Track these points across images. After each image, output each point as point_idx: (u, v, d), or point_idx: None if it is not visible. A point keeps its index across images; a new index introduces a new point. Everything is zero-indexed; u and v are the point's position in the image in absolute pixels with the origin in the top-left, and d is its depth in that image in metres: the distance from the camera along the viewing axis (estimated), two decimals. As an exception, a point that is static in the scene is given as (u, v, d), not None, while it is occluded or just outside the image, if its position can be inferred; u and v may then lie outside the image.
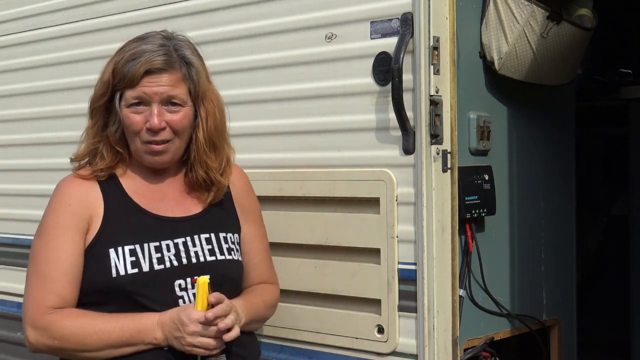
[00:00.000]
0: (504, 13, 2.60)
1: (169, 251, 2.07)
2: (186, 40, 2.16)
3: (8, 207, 3.50)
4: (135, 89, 2.04)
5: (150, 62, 2.03)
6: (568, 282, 3.07)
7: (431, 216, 2.29)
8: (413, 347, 2.33)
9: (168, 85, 2.05)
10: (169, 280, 2.06)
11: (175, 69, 2.07)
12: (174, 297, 2.05)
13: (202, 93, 2.12)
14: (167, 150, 2.09)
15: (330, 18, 2.48)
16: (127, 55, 2.06)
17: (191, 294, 2.06)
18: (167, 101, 2.06)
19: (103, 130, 2.13)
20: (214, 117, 2.14)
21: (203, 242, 2.12)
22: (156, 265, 2.05)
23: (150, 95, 2.04)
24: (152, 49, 2.05)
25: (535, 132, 2.88)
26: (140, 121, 2.06)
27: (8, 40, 3.49)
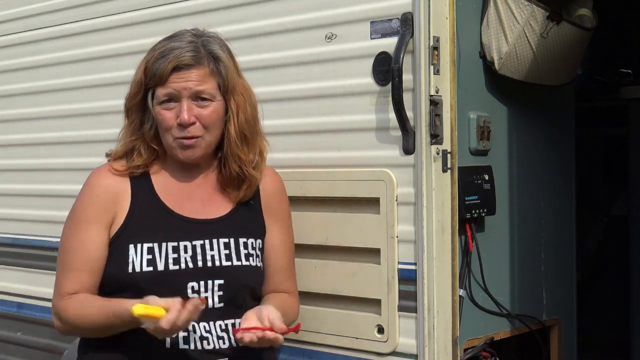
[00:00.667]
0: (504, 13, 2.60)
1: (186, 252, 2.09)
2: (215, 36, 2.19)
3: (8, 207, 3.50)
4: (165, 86, 2.08)
5: (178, 59, 2.07)
6: (568, 282, 3.07)
7: (431, 216, 2.29)
8: (413, 347, 2.33)
9: (196, 81, 2.09)
10: (182, 281, 2.07)
11: (203, 65, 2.10)
12: (185, 297, 2.04)
13: (232, 87, 2.14)
14: (197, 145, 2.12)
15: (330, 18, 2.48)
16: (157, 54, 2.10)
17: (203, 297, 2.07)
18: (197, 96, 2.10)
19: (139, 128, 2.17)
20: (244, 110, 2.16)
21: (221, 246, 2.12)
22: (171, 265, 2.07)
23: (179, 90, 2.08)
24: (181, 45, 2.09)
25: (535, 132, 2.88)
26: (171, 117, 2.09)
27: (8, 40, 3.49)
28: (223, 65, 2.13)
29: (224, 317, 2.11)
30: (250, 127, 2.18)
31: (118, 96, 3.03)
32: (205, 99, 2.10)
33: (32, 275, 3.40)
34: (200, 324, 2.07)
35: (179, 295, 2.02)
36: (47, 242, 3.31)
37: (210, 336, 2.08)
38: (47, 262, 3.32)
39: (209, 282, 2.08)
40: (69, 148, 3.22)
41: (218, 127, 2.14)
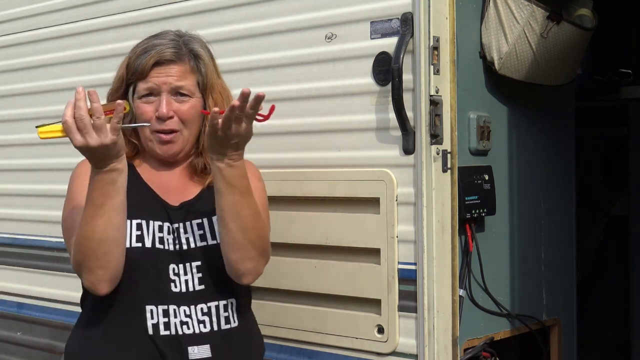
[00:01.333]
0: (504, 13, 2.60)
1: (169, 234, 2.11)
2: (197, 37, 2.24)
3: (8, 207, 3.50)
4: (146, 80, 2.13)
5: (159, 54, 2.12)
6: (568, 282, 3.07)
7: (431, 216, 2.29)
8: (413, 347, 2.33)
9: (176, 76, 2.13)
10: (165, 261, 2.09)
11: (184, 61, 2.15)
12: (167, 279, 2.08)
13: (211, 85, 2.19)
14: (175, 141, 2.15)
15: (330, 18, 2.48)
16: (139, 50, 2.16)
17: (183, 280, 2.09)
18: (176, 91, 2.14)
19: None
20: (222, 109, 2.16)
21: (195, 228, 2.14)
22: (157, 243, 2.09)
23: (159, 84, 2.12)
24: (163, 42, 2.15)
25: (535, 132, 2.88)
26: (150, 110, 2.13)
27: (8, 40, 3.49)
28: (203, 63, 2.18)
29: (205, 300, 2.11)
30: None
31: (118, 96, 3.04)
32: (184, 95, 2.14)
33: (32, 275, 3.40)
34: (181, 308, 2.08)
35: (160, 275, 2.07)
36: (47, 242, 3.31)
37: (190, 320, 2.09)
38: (47, 262, 3.32)
39: (187, 264, 2.10)
40: (68, 148, 3.20)
41: (196, 124, 2.18)
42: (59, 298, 3.26)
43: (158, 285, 2.08)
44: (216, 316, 2.12)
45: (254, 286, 2.68)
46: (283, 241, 2.57)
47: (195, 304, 2.10)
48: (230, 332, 2.14)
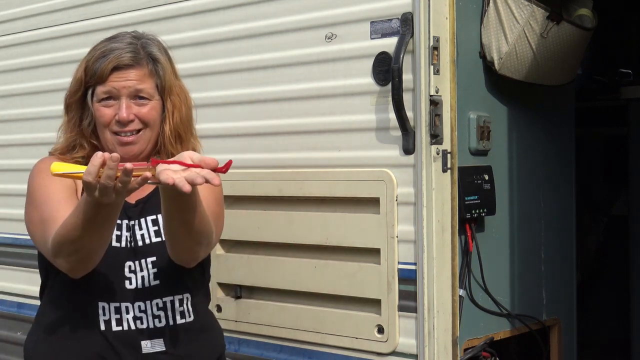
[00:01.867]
0: (504, 13, 2.60)
1: (127, 231, 2.13)
2: (154, 39, 2.24)
3: (8, 207, 3.50)
4: (105, 85, 2.13)
5: (118, 59, 2.12)
6: (568, 282, 3.07)
7: (431, 216, 2.29)
8: (413, 347, 2.33)
9: (135, 80, 2.13)
10: (121, 259, 2.11)
11: (142, 65, 2.15)
12: (122, 276, 2.10)
13: (169, 88, 2.19)
14: (136, 141, 2.15)
15: (330, 18, 2.48)
16: (97, 54, 2.15)
17: (139, 276, 2.10)
18: (135, 95, 2.14)
19: (78, 125, 2.21)
20: (179, 110, 2.21)
21: (149, 224, 2.15)
22: (114, 241, 2.10)
23: (118, 89, 2.12)
24: (121, 46, 2.15)
25: (535, 132, 2.88)
26: (109, 114, 2.13)
27: (8, 40, 3.49)
28: (161, 66, 2.18)
29: (160, 295, 2.13)
30: (184, 127, 2.22)
31: (118, 96, 3.04)
32: (144, 98, 2.15)
33: (32, 275, 3.39)
34: (135, 304, 2.10)
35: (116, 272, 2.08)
36: (47, 242, 3.31)
37: (144, 315, 2.11)
38: (47, 262, 3.32)
39: (142, 260, 2.12)
40: (69, 148, 3.22)
41: (156, 126, 2.18)
42: (59, 298, 3.26)
43: (112, 282, 2.09)
44: (171, 311, 2.13)
45: (253, 286, 2.68)
46: (283, 241, 2.58)
47: (151, 299, 2.12)
48: (186, 326, 2.15)
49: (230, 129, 2.73)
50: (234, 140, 2.72)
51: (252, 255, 2.68)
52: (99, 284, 2.09)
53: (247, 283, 2.69)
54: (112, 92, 2.13)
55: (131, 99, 2.13)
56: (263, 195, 2.63)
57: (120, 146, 2.14)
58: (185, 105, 2.23)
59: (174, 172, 1.77)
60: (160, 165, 1.80)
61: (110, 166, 1.76)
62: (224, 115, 2.74)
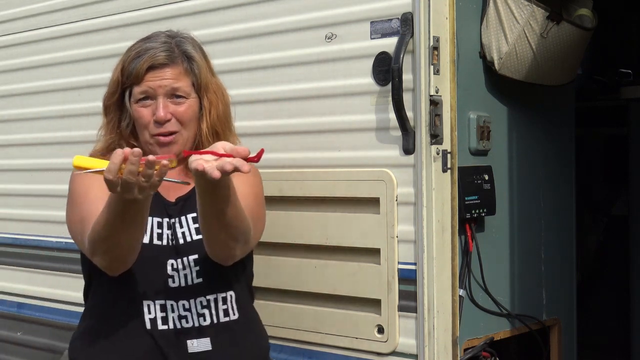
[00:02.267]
0: (504, 13, 2.60)
1: (169, 229, 2.12)
2: (189, 37, 2.24)
3: (8, 207, 3.50)
4: (141, 85, 2.13)
5: (152, 58, 2.13)
6: (568, 282, 3.07)
7: (431, 216, 2.29)
8: (413, 347, 2.33)
9: (171, 79, 2.14)
10: (163, 257, 2.10)
11: (177, 64, 2.16)
12: (165, 274, 2.09)
13: (205, 85, 2.19)
14: (175, 142, 2.15)
15: (330, 18, 2.48)
16: (133, 54, 2.16)
17: (182, 274, 2.10)
18: (172, 94, 2.14)
19: (117, 126, 2.22)
20: (217, 107, 2.20)
21: (190, 221, 2.15)
22: (155, 239, 2.11)
23: (154, 88, 2.13)
24: (155, 46, 2.15)
25: (535, 132, 2.88)
26: (147, 114, 2.14)
27: (8, 40, 3.49)
28: (196, 64, 2.18)
29: (204, 293, 2.12)
30: (222, 124, 2.22)
31: (118, 96, 3.03)
32: (180, 97, 2.15)
33: (32, 275, 3.40)
34: (179, 302, 2.10)
35: (159, 271, 2.08)
36: (47, 242, 3.31)
37: (189, 314, 2.11)
38: (47, 262, 3.32)
39: (184, 258, 2.11)
40: (68, 148, 3.22)
41: (194, 124, 2.18)
42: (59, 298, 3.26)
43: (156, 281, 2.09)
44: (215, 309, 2.13)
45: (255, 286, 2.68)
46: (283, 241, 2.58)
47: (195, 297, 2.12)
48: (230, 324, 2.15)
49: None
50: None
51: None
52: (143, 283, 2.09)
53: (247, 283, 2.69)
54: (148, 92, 2.13)
55: (168, 98, 2.14)
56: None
57: (159, 147, 2.15)
58: (222, 103, 2.23)
59: (206, 161, 1.77)
60: (194, 155, 1.80)
61: (132, 161, 1.75)
62: (224, 115, 2.74)
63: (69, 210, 2.16)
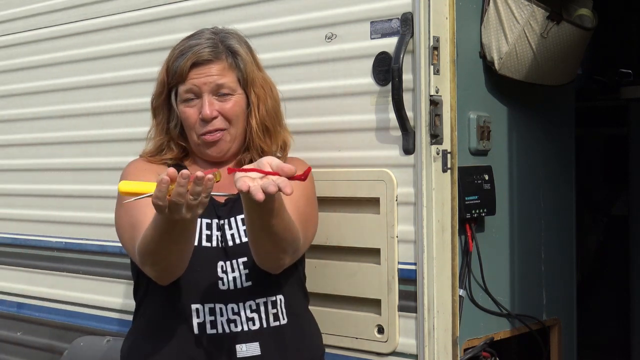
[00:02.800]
0: (504, 13, 2.60)
1: (218, 231, 2.09)
2: (234, 32, 2.22)
3: (8, 207, 3.50)
4: (186, 83, 2.11)
5: (196, 55, 2.10)
6: (568, 282, 3.07)
7: (431, 216, 2.29)
8: (413, 347, 2.33)
9: (216, 75, 2.11)
10: (213, 259, 2.06)
11: (221, 59, 2.13)
12: (216, 276, 2.05)
13: (251, 80, 2.16)
14: (222, 139, 2.13)
15: (330, 18, 2.48)
16: (177, 53, 2.14)
17: (231, 277, 2.06)
18: (217, 90, 2.12)
19: (166, 127, 2.20)
20: (265, 102, 2.18)
21: (239, 223, 2.10)
22: (204, 241, 2.07)
23: (199, 86, 2.10)
24: (199, 42, 2.13)
25: (535, 132, 2.88)
26: (194, 114, 2.12)
27: (8, 40, 3.49)
28: (241, 59, 2.15)
29: (253, 296, 2.08)
30: (271, 119, 2.19)
31: (118, 96, 3.04)
32: (226, 94, 2.12)
33: (32, 275, 3.40)
34: (228, 305, 2.05)
35: (209, 273, 2.04)
36: (47, 242, 3.31)
37: (238, 318, 2.06)
38: (47, 262, 3.32)
39: (233, 261, 2.07)
40: (69, 148, 3.22)
41: (242, 120, 2.15)
42: (59, 298, 3.26)
43: (205, 283, 2.05)
44: (265, 313, 2.08)
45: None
46: (283, 241, 2.57)
47: (244, 301, 2.07)
48: (280, 329, 2.10)
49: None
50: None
51: (252, 255, 2.68)
52: (192, 285, 2.04)
53: (247, 283, 2.68)
54: (193, 90, 2.10)
55: (213, 95, 2.11)
56: (263, 195, 2.63)
57: (207, 146, 2.13)
58: (271, 97, 2.20)
59: (252, 179, 1.72)
60: (238, 172, 1.75)
61: (181, 183, 1.70)
62: (224, 115, 2.74)
63: (117, 215, 2.11)
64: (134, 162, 2.22)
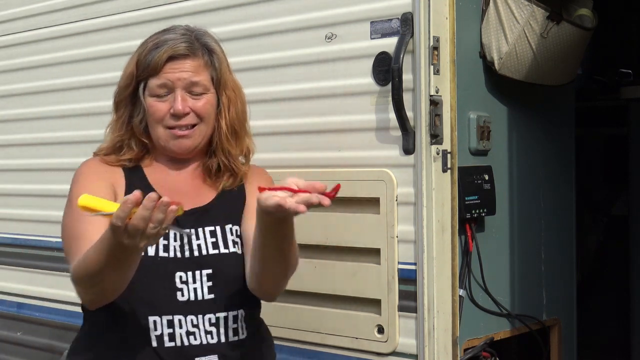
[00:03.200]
0: (504, 13, 2.60)
1: (175, 241, 2.04)
2: (207, 32, 2.17)
3: (8, 207, 3.50)
4: (159, 76, 2.05)
5: (173, 49, 2.04)
6: (568, 282, 3.07)
7: (431, 216, 2.29)
8: (413, 347, 2.33)
9: (191, 71, 2.06)
10: (171, 269, 2.01)
11: (198, 56, 2.08)
12: (173, 287, 2.00)
13: (224, 81, 2.12)
14: (191, 136, 2.08)
15: (330, 18, 2.48)
16: (150, 45, 2.07)
17: (192, 288, 2.01)
18: (190, 88, 2.06)
19: (128, 122, 2.13)
20: (235, 105, 2.14)
21: (207, 235, 2.07)
22: (161, 252, 2.02)
23: (173, 81, 2.05)
24: (175, 37, 2.07)
25: (535, 132, 2.88)
26: (163, 108, 2.05)
27: (8, 40, 3.49)
28: (217, 57, 2.11)
29: (214, 310, 2.02)
30: (240, 123, 2.15)
31: (118, 96, 3.03)
32: (199, 92, 2.07)
33: (32, 275, 3.40)
34: (188, 317, 2.00)
35: (166, 284, 1.99)
36: (47, 242, 3.31)
37: (197, 331, 2.01)
38: (47, 262, 3.32)
39: (197, 272, 2.02)
40: (68, 148, 3.22)
41: (211, 120, 2.10)
42: (59, 298, 3.26)
43: (163, 294, 1.99)
44: (224, 327, 2.04)
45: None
46: (283, 241, 2.57)
47: (204, 313, 2.02)
48: (238, 343, 2.06)
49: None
50: (234, 140, 2.72)
51: (252, 255, 2.67)
52: (149, 296, 1.98)
53: (247, 283, 2.68)
54: (166, 85, 2.04)
55: (186, 91, 2.05)
56: (263, 195, 2.63)
57: (173, 140, 2.06)
58: (241, 101, 2.16)
59: (281, 197, 1.72)
60: (266, 192, 1.74)
61: (147, 206, 1.65)
62: (224, 115, 2.74)
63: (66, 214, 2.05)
64: (88, 163, 2.13)
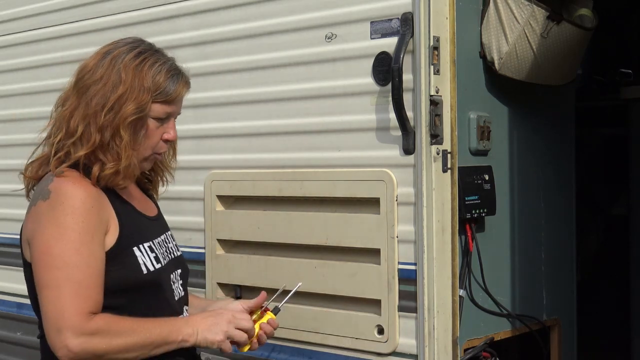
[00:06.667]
0: (504, 13, 2.60)
1: (161, 247, 2.14)
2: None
3: (8, 207, 3.50)
4: (171, 105, 2.08)
5: (188, 84, 2.10)
6: (568, 282, 3.07)
7: (431, 216, 2.29)
8: (413, 347, 2.33)
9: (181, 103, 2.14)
10: (166, 275, 2.12)
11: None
12: (172, 289, 2.13)
13: None
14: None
15: (330, 18, 2.48)
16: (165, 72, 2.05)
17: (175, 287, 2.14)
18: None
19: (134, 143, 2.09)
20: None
21: (170, 238, 2.21)
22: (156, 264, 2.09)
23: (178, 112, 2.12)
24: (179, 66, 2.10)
25: (536, 132, 2.88)
26: (158, 134, 2.09)
27: (8, 40, 3.49)
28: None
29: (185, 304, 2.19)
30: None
31: (118, 96, 3.03)
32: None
33: (32, 275, 3.39)
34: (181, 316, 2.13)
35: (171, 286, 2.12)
36: (47, 242, 3.30)
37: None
38: (47, 262, 3.31)
39: (175, 272, 2.15)
40: (69, 148, 3.22)
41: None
42: (59, 298, 3.26)
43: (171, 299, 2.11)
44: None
45: (253, 286, 2.68)
46: (283, 241, 2.57)
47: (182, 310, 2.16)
48: None
49: (230, 129, 2.73)
50: (234, 140, 2.72)
51: (252, 255, 2.68)
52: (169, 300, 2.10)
53: (247, 283, 2.69)
54: (172, 114, 2.10)
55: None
56: (263, 196, 2.63)
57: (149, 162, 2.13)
58: None
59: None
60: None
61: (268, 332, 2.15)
62: (224, 115, 2.74)
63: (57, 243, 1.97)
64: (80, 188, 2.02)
